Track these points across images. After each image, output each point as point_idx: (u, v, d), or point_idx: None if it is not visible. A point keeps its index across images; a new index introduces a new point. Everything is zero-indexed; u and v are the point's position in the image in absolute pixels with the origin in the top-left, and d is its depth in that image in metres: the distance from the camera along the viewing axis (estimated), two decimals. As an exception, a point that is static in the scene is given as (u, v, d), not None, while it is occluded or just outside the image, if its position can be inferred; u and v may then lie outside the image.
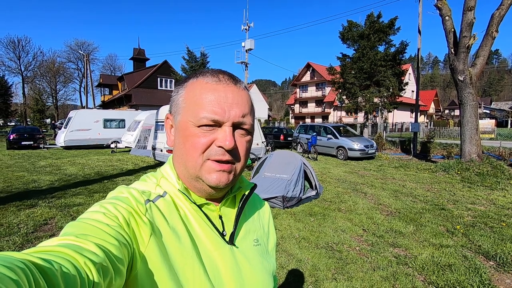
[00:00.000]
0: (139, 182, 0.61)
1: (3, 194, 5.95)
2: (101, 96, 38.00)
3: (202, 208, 0.59)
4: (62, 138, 15.20)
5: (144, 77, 29.31)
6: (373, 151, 12.54)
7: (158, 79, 30.24)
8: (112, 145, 15.46)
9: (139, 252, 0.48)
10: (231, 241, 0.60)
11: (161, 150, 9.51)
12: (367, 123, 17.93)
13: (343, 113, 36.04)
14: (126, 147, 14.60)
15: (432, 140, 14.57)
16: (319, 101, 43.69)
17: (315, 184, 6.27)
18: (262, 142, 11.53)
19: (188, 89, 0.58)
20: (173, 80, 29.89)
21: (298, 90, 47.00)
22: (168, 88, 30.88)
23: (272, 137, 16.38)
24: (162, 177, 0.61)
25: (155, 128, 10.29)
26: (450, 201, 5.96)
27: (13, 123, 36.38)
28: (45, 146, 16.03)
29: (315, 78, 43.68)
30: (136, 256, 0.47)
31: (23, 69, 36.86)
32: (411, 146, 13.73)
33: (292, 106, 49.62)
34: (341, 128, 14.04)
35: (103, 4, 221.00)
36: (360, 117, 22.80)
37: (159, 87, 30.25)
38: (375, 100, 16.66)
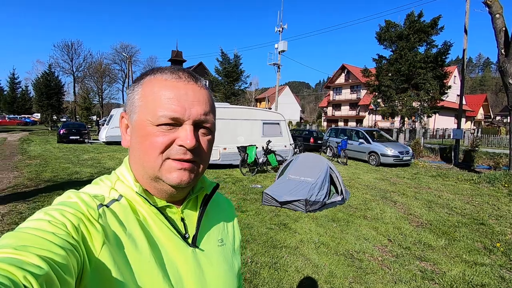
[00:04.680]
0: (91, 186, 0.57)
1: (50, 183, 6.58)
2: (141, 95, 40.18)
3: (163, 211, 0.56)
4: (104, 134, 16.41)
5: (180, 78, 30.51)
6: (409, 158, 11.85)
7: (193, 80, 31.32)
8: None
9: (90, 262, 0.44)
10: (194, 243, 0.58)
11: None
12: (403, 128, 16.96)
13: (379, 117, 34.46)
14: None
15: (477, 148, 13.40)
16: (353, 104, 42.26)
17: (341, 189, 6.09)
18: (290, 144, 11.45)
19: (145, 86, 0.55)
20: (207, 81, 30.80)
21: (331, 92, 45.89)
22: (202, 89, 31.85)
23: (302, 140, 16.19)
24: (118, 179, 0.57)
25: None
26: (492, 216, 5.44)
27: (64, 119, 39.91)
28: (89, 141, 17.39)
29: (350, 81, 42.32)
30: (86, 266, 0.43)
31: (74, 69, 40.44)
32: (452, 154, 12.76)
33: (325, 109, 48.56)
34: (374, 132, 13.48)
35: (146, 9, 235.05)
36: (397, 121, 21.64)
37: (194, 88, 31.33)
38: (414, 104, 15.69)
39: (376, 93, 17.06)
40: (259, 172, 9.00)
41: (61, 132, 16.55)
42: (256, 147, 8.81)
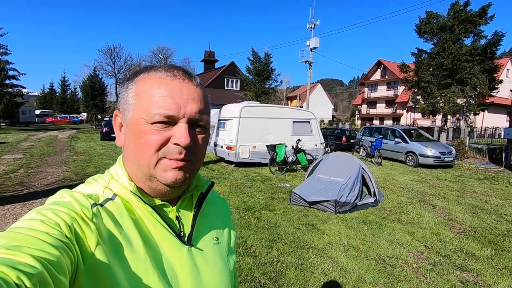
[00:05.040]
0: (84, 185, 0.56)
1: (92, 177, 7.10)
2: (176, 95, 41.84)
3: (158, 210, 0.56)
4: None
5: (212, 78, 31.29)
6: (451, 159, 10.99)
7: (225, 79, 31.92)
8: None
9: (84, 261, 0.44)
10: (189, 242, 0.58)
11: (222, 147, 10.04)
12: (445, 127, 15.73)
13: (418, 115, 32.39)
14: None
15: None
16: (390, 102, 40.16)
17: (374, 190, 5.83)
18: (321, 143, 11.19)
19: (139, 84, 0.54)
20: (239, 80, 31.18)
21: (366, 89, 44.02)
22: (234, 88, 32.36)
23: (334, 139, 15.74)
24: (112, 178, 0.57)
25: (217, 125, 10.91)
26: (549, 225, 4.86)
27: (107, 118, 42.91)
28: (128, 138, 18.45)
29: (387, 77, 40.25)
30: (80, 266, 0.43)
31: (116, 72, 43.33)
32: (503, 156, 11.59)
33: (359, 107, 46.76)
34: (412, 131, 12.70)
35: (181, 13, 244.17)
36: (439, 119, 20.12)
37: (225, 87, 31.93)
38: (458, 100, 14.45)
39: (415, 90, 16.01)
40: (288, 171, 8.92)
41: (104, 130, 17.73)
42: (286, 146, 8.74)
